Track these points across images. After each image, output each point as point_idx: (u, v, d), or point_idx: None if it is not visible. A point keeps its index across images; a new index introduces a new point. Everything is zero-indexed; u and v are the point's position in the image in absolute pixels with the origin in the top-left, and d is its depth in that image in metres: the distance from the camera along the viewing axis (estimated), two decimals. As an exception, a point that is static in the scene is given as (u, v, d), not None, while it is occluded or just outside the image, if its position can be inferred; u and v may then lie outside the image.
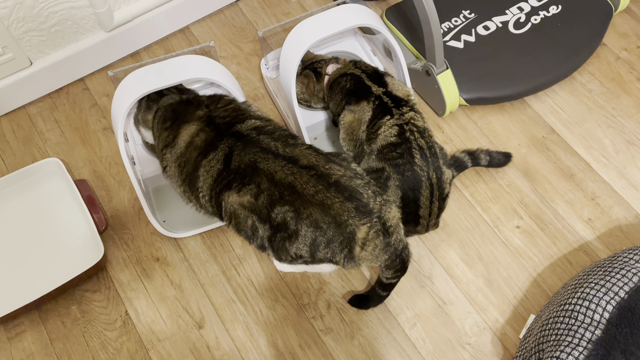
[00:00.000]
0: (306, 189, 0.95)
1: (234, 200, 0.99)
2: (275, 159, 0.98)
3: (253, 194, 0.97)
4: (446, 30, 1.44)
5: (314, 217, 0.94)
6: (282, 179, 0.96)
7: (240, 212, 0.99)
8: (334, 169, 0.97)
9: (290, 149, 1.00)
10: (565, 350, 0.93)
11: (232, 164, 1.00)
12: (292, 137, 1.04)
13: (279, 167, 0.97)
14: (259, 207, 0.97)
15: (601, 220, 1.26)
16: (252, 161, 0.99)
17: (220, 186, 1.01)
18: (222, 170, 1.00)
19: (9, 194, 1.26)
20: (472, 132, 1.39)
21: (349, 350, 1.13)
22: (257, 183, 0.97)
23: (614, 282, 1.00)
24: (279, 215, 0.96)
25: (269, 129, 1.04)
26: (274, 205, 0.96)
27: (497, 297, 1.18)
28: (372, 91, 1.14)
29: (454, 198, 1.30)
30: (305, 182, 0.95)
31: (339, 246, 0.96)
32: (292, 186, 0.95)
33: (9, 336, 1.15)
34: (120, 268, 1.23)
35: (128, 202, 1.30)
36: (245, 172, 0.98)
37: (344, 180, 0.96)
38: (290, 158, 0.98)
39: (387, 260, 1.00)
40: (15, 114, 1.43)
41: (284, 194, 0.95)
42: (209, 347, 1.14)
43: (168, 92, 1.16)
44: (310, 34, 1.17)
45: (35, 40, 1.33)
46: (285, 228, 0.96)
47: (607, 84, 1.45)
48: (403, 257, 1.01)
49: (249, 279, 1.21)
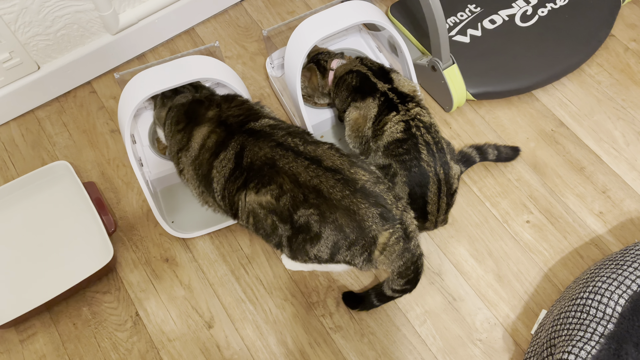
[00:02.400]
0: (333, 194, 0.93)
1: (252, 199, 0.98)
2: (296, 158, 0.96)
3: (274, 195, 0.95)
4: (452, 25, 1.43)
5: (339, 221, 0.94)
6: (307, 181, 0.94)
7: (259, 212, 0.98)
8: (359, 174, 0.96)
9: (312, 148, 0.98)
10: (577, 345, 0.92)
11: (243, 161, 0.99)
12: (307, 133, 1.03)
13: (302, 168, 0.95)
14: (279, 208, 0.96)
15: (612, 213, 1.25)
16: (269, 158, 0.97)
17: (235, 185, 1.00)
18: (234, 169, 1.00)
19: (18, 197, 1.27)
20: (480, 127, 1.38)
21: (359, 348, 1.13)
22: (278, 183, 0.95)
23: (626, 275, 0.99)
24: (302, 218, 0.95)
25: (283, 126, 1.03)
26: (298, 207, 0.94)
27: (507, 293, 1.17)
28: (378, 88, 1.14)
29: (463, 193, 1.29)
30: (332, 186, 0.94)
31: (360, 250, 0.96)
32: (317, 190, 0.94)
33: (21, 338, 1.16)
34: (130, 269, 1.23)
35: (136, 204, 1.31)
36: (262, 170, 0.97)
37: (368, 186, 0.95)
38: (313, 158, 0.96)
39: (401, 267, 0.99)
40: (24, 118, 1.44)
41: (309, 197, 0.94)
42: (219, 346, 1.14)
43: (183, 90, 1.15)
44: (314, 31, 1.16)
45: (42, 45, 1.34)
46: (307, 230, 0.95)
47: (616, 75, 1.43)
48: (418, 265, 1.00)
49: (258, 278, 1.21)
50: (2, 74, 1.33)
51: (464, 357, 1.11)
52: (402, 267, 0.99)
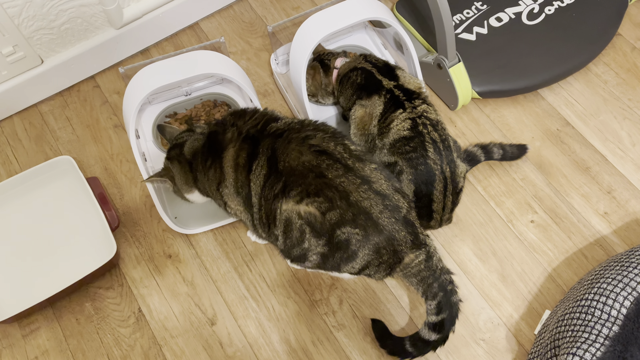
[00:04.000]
0: (381, 219, 0.93)
1: (290, 207, 0.95)
2: (346, 173, 0.93)
3: (322, 209, 0.93)
4: (458, 22, 1.42)
5: (379, 245, 0.94)
6: (358, 201, 0.93)
7: (295, 219, 0.95)
8: (401, 202, 0.96)
9: (361, 166, 0.95)
10: (582, 347, 0.92)
11: (279, 165, 0.95)
12: (342, 135, 1.01)
13: (352, 187, 0.93)
14: (320, 221, 0.93)
15: (617, 213, 1.24)
16: (314, 166, 0.93)
17: (272, 192, 0.96)
18: (268, 174, 0.96)
19: (22, 192, 1.27)
20: (485, 125, 1.37)
21: (362, 346, 1.13)
22: (328, 197, 0.92)
23: (632, 277, 0.98)
24: (344, 235, 0.94)
25: (309, 122, 1.01)
26: (344, 224, 0.93)
27: (511, 293, 1.17)
28: (383, 85, 1.13)
29: (467, 193, 1.28)
30: (380, 211, 0.93)
31: (385, 267, 0.98)
32: (367, 213, 0.93)
33: (23, 333, 1.16)
34: (133, 265, 1.23)
35: (139, 199, 1.31)
36: (306, 178, 0.93)
37: (407, 214, 0.96)
38: (363, 178, 0.94)
39: (419, 284, 1.01)
40: (27, 112, 1.43)
41: (359, 218, 0.93)
42: (222, 343, 1.14)
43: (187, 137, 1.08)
44: (320, 28, 1.16)
45: (45, 39, 1.34)
46: (346, 248, 0.95)
47: (622, 74, 1.42)
48: (442, 282, 1.01)
49: (261, 275, 1.21)
50: (6, 68, 1.32)
51: (467, 356, 1.11)
52: (420, 284, 1.01)
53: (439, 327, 1.01)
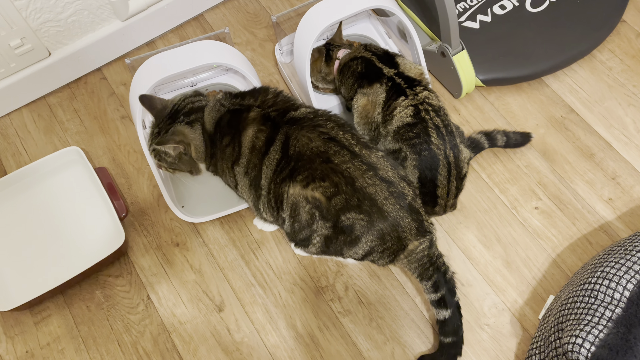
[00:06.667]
0: (385, 205, 0.95)
1: (297, 192, 0.96)
2: (352, 159, 0.95)
3: (327, 194, 0.94)
4: (461, 10, 1.42)
5: (384, 231, 0.96)
6: (364, 187, 0.94)
7: (302, 204, 0.97)
8: (406, 189, 0.97)
9: (367, 152, 0.97)
10: (585, 329, 0.93)
11: (290, 150, 0.97)
12: (350, 126, 1.03)
13: (358, 173, 0.95)
14: (327, 207, 0.95)
15: (622, 199, 1.25)
16: (322, 152, 0.95)
17: (281, 176, 0.98)
18: (280, 159, 0.98)
19: (32, 182, 1.29)
20: (489, 113, 1.37)
21: (367, 331, 1.14)
22: (334, 182, 0.94)
23: (635, 260, 0.99)
24: (348, 221, 0.95)
25: (323, 113, 1.03)
26: (349, 210, 0.95)
27: (515, 278, 1.18)
28: (384, 73, 1.14)
29: (471, 180, 1.29)
30: (386, 198, 0.95)
31: (389, 253, 1.00)
32: (372, 199, 0.94)
33: (35, 320, 1.18)
34: (141, 253, 1.25)
35: (147, 189, 1.32)
36: (313, 163, 0.95)
37: (413, 202, 0.98)
38: (369, 165, 0.96)
39: (417, 269, 1.03)
40: (35, 104, 1.45)
41: (363, 204, 0.94)
42: (229, 329, 1.16)
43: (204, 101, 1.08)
44: (323, 17, 1.16)
45: (52, 31, 1.35)
46: (350, 232, 0.97)
47: (627, 61, 1.42)
48: (438, 264, 1.02)
49: (267, 263, 1.22)
50: (14, 60, 1.34)
51: (471, 341, 1.12)
52: (419, 269, 1.03)
53: (443, 303, 1.04)
